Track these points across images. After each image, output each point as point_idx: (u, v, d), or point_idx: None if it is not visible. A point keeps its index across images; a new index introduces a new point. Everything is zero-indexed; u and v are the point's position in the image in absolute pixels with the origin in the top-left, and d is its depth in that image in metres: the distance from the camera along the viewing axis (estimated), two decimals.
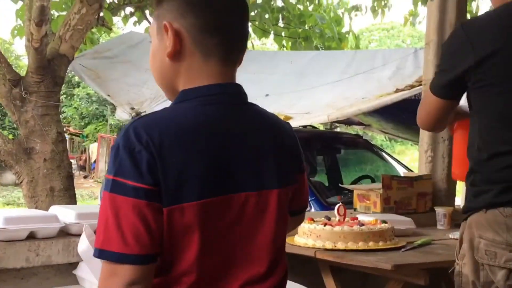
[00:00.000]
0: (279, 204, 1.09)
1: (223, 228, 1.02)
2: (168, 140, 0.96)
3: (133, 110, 4.71)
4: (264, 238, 1.08)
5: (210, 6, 1.04)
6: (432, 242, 2.22)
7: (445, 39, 2.90)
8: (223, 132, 1.03)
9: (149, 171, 0.94)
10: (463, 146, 1.84)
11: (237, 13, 1.08)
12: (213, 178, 0.99)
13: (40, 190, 4.31)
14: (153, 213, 0.95)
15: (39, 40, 4.07)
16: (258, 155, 1.07)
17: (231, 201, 1.02)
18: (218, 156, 1.01)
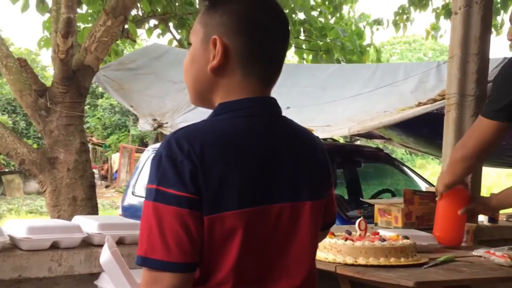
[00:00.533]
0: (312, 216, 1.10)
1: (260, 239, 1.03)
2: (209, 150, 0.98)
3: (155, 121, 4.75)
4: (299, 250, 1.09)
5: (263, 31, 1.07)
6: (455, 259, 2.19)
7: (470, 53, 2.92)
8: (261, 144, 1.05)
9: (191, 180, 0.96)
10: (447, 213, 2.37)
11: (283, 40, 1.12)
12: (251, 188, 1.01)
13: (63, 199, 4.37)
14: (195, 222, 0.96)
15: (65, 51, 4.15)
16: (293, 166, 1.08)
17: (268, 211, 1.03)
18: (257, 166, 1.03)
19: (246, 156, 1.02)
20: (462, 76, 2.95)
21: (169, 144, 0.98)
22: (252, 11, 1.07)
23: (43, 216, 11.25)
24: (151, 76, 5.31)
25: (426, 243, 2.32)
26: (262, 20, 1.07)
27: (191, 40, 1.13)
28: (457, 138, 2.91)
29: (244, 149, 1.02)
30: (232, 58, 1.05)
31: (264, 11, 1.08)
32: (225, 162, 0.99)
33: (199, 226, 0.97)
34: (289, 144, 1.10)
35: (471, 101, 2.94)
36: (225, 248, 0.99)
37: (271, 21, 1.08)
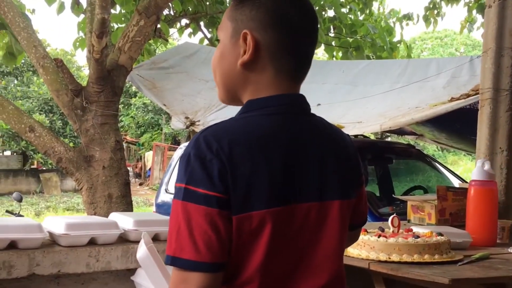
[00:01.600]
0: (341, 215, 1.09)
1: (287, 238, 1.03)
2: (238, 149, 0.97)
3: (187, 119, 4.80)
4: (326, 250, 1.08)
5: (293, 26, 1.06)
6: (490, 256, 2.16)
7: (504, 47, 2.87)
8: (290, 142, 1.04)
9: (220, 179, 0.96)
10: (478, 213, 2.39)
11: (312, 36, 1.11)
12: (280, 187, 1.00)
13: (98, 196, 4.46)
14: (223, 221, 0.96)
15: (99, 51, 4.23)
16: (321, 165, 1.08)
17: (296, 211, 1.03)
18: (285, 165, 1.02)
19: (275, 155, 1.01)
20: (496, 70, 2.90)
21: (198, 143, 0.98)
22: (281, 6, 1.06)
23: (80, 213, 11.51)
24: (182, 75, 5.37)
25: (461, 240, 2.29)
26: (292, 14, 1.06)
27: (219, 36, 1.13)
28: (491, 133, 2.87)
29: (273, 148, 1.01)
30: (263, 53, 1.04)
31: (293, 5, 1.07)
32: (254, 161, 0.98)
33: (227, 226, 0.97)
34: (318, 143, 1.09)
35: (506, 95, 2.89)
36: (252, 247, 0.99)
37: (301, 16, 1.07)
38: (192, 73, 5.36)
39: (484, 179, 2.47)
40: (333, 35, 7.02)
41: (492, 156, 2.87)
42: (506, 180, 2.85)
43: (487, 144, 2.89)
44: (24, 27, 4.42)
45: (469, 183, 2.56)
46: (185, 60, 5.53)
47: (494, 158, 2.86)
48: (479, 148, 2.94)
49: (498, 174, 2.83)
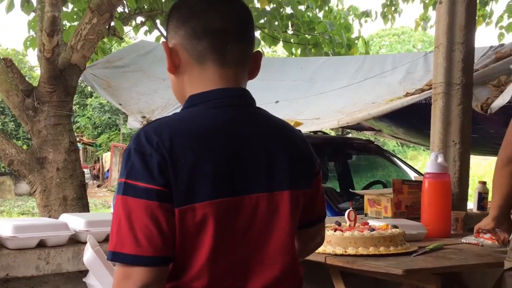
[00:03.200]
0: (292, 206, 1.08)
1: (235, 231, 1.02)
2: (179, 142, 0.98)
3: (144, 118, 4.72)
4: (278, 241, 1.07)
5: (197, 15, 1.09)
6: (444, 247, 2.20)
7: (455, 42, 2.93)
8: (232, 134, 1.04)
9: (160, 173, 0.96)
10: (432, 205, 2.46)
11: (229, 16, 1.10)
12: (224, 179, 1.00)
13: (53, 199, 4.34)
14: (165, 215, 0.95)
15: (51, 50, 4.11)
16: (269, 156, 1.08)
17: (243, 202, 1.02)
18: (228, 157, 1.02)
19: (218, 147, 1.01)
20: (448, 65, 2.96)
21: (138, 138, 0.98)
22: (196, 12, 1.09)
23: (35, 217, 11.19)
24: (139, 74, 5.29)
25: (415, 232, 2.33)
26: (201, 10, 1.08)
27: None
28: (444, 127, 2.93)
29: (217, 140, 1.02)
30: (181, 53, 1.08)
31: (208, 10, 1.09)
32: (195, 153, 0.98)
33: (170, 219, 0.96)
34: (263, 135, 1.09)
35: (458, 89, 2.95)
36: (198, 241, 0.98)
37: (211, 10, 1.09)
38: (148, 71, 5.28)
39: (437, 171, 2.51)
40: (291, 32, 7.04)
41: (445, 149, 2.93)
42: (459, 172, 2.92)
43: (440, 138, 2.95)
44: None
45: (423, 176, 2.61)
46: (141, 59, 5.45)
47: (447, 151, 2.92)
48: (433, 141, 2.99)
49: (452, 167, 2.89)
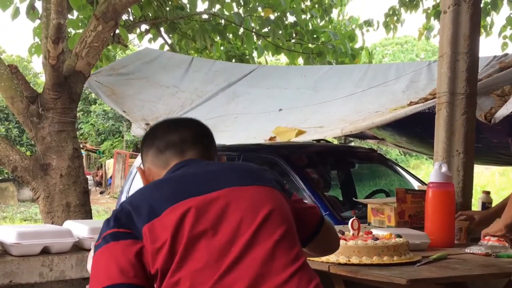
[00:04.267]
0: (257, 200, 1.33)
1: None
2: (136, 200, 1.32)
3: (147, 125, 4.72)
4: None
5: (159, 137, 1.48)
6: (448, 256, 2.19)
7: (460, 51, 2.93)
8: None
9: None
10: (436, 215, 2.46)
11: (185, 131, 1.49)
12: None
13: (56, 205, 4.35)
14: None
15: (55, 57, 4.13)
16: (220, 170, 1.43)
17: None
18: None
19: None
20: (452, 75, 2.96)
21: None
22: (153, 133, 1.53)
23: (38, 223, 11.19)
24: (143, 81, 5.30)
25: (419, 241, 2.32)
26: (162, 133, 1.50)
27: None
28: (448, 136, 2.93)
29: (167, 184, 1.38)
30: (153, 170, 1.47)
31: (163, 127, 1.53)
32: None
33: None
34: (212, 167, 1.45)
35: (462, 99, 2.95)
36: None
37: (171, 130, 1.51)
38: (152, 79, 5.29)
39: (441, 181, 2.51)
40: (294, 41, 7.06)
41: (449, 158, 2.92)
42: (463, 182, 2.91)
43: (444, 147, 2.94)
44: None
45: (427, 185, 2.60)
46: (145, 66, 5.46)
47: (451, 161, 2.91)
48: (437, 151, 2.99)
49: (455, 176, 2.88)
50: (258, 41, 6.99)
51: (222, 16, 6.58)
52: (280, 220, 1.29)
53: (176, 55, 6.24)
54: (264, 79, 5.19)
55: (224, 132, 4.48)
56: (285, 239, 1.27)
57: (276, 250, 1.24)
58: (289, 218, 1.33)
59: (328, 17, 7.86)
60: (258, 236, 1.25)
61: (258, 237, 1.25)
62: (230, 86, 5.14)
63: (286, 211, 1.34)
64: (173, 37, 7.06)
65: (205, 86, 5.17)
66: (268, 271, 1.21)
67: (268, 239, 1.25)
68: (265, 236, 1.25)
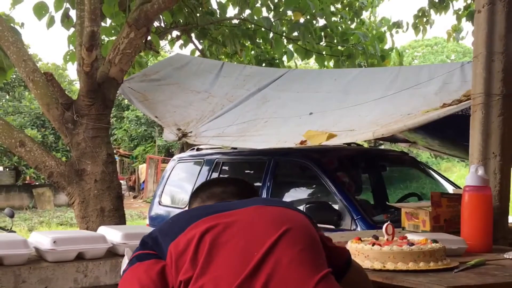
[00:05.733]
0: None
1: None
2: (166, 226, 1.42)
3: (179, 131, 4.77)
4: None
5: (203, 190, 1.61)
6: (486, 262, 2.13)
7: (495, 51, 2.86)
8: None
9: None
10: (473, 219, 2.39)
11: (227, 184, 1.63)
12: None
13: (91, 210, 4.42)
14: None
15: (89, 64, 4.21)
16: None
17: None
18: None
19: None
20: (487, 75, 2.88)
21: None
22: (199, 188, 1.64)
23: (73, 227, 11.40)
24: (174, 86, 5.35)
25: (456, 247, 2.27)
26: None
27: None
28: (484, 139, 2.85)
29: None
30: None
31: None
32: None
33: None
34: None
35: (498, 100, 2.87)
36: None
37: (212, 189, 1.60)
38: (183, 84, 5.34)
39: (478, 184, 2.45)
40: (324, 44, 7.02)
41: (485, 161, 2.84)
42: (500, 185, 2.83)
43: (480, 150, 2.87)
44: (13, 41, 4.39)
45: (463, 189, 2.54)
46: (177, 72, 5.51)
47: (487, 163, 2.84)
48: (472, 153, 2.91)
49: (492, 179, 2.80)
50: (288, 45, 6.98)
51: (251, 21, 6.60)
52: (303, 234, 1.32)
53: (206, 60, 6.28)
54: (294, 83, 5.17)
55: (255, 137, 4.48)
56: (309, 249, 1.29)
57: (299, 258, 1.26)
58: (314, 237, 1.35)
59: (359, 19, 7.80)
60: (282, 244, 1.27)
61: (282, 244, 1.27)
62: (260, 90, 5.14)
63: (312, 232, 1.36)
64: (203, 42, 7.11)
65: (236, 91, 5.18)
66: (291, 278, 1.22)
67: (291, 247, 1.27)
68: (289, 245, 1.27)
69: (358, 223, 4.10)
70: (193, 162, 5.88)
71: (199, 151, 5.91)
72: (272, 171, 4.84)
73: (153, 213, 5.90)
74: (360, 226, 4.07)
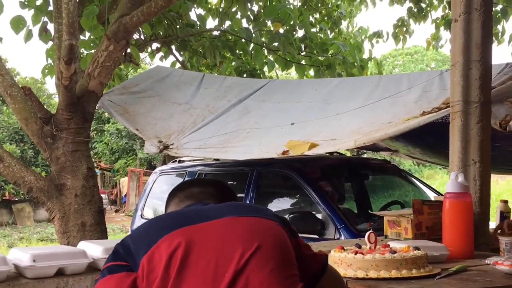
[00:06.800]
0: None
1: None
2: (138, 233, 1.40)
3: (160, 143, 4.74)
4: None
5: (181, 190, 1.64)
6: (468, 268, 2.15)
7: (472, 60, 2.90)
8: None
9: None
10: (453, 225, 2.41)
11: (206, 184, 1.66)
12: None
13: (71, 225, 4.36)
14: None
15: (68, 78, 4.18)
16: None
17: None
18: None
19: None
20: (465, 83, 2.93)
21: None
22: (177, 187, 1.65)
23: (54, 243, 11.23)
24: (155, 99, 5.33)
25: (438, 253, 2.28)
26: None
27: None
28: (463, 146, 2.89)
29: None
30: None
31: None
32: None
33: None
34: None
35: (476, 107, 2.91)
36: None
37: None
38: (164, 96, 5.32)
39: (458, 191, 2.48)
40: (304, 54, 7.06)
41: (465, 168, 2.87)
42: (480, 191, 2.86)
43: (459, 157, 2.90)
44: None
45: (444, 196, 2.56)
46: (157, 84, 5.49)
47: (467, 170, 2.87)
48: (452, 160, 2.94)
49: (472, 186, 2.83)
50: (269, 56, 7.02)
51: (231, 32, 6.62)
52: (274, 250, 1.31)
53: (187, 72, 6.27)
54: (275, 94, 5.19)
55: (237, 148, 4.48)
56: (279, 270, 1.29)
57: (269, 281, 1.26)
58: (286, 251, 1.35)
59: (337, 29, 7.88)
60: (252, 264, 1.26)
61: (252, 265, 1.26)
62: (242, 101, 5.14)
63: (284, 245, 1.35)
64: (184, 54, 7.10)
65: (217, 102, 5.18)
66: None
67: (262, 268, 1.27)
68: (259, 266, 1.27)
69: (342, 232, 4.10)
70: (175, 174, 5.85)
71: (181, 163, 5.88)
72: (255, 182, 4.83)
73: (136, 226, 5.84)
74: (343, 235, 4.08)
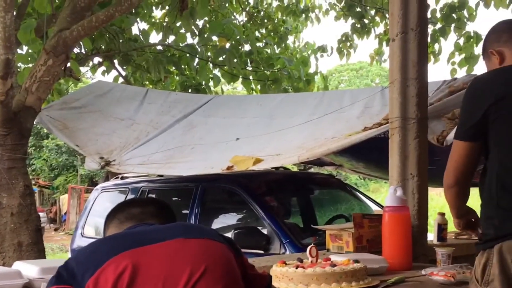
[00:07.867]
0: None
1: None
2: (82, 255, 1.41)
3: (102, 159, 4.63)
4: None
5: (120, 211, 1.63)
6: (406, 279, 2.20)
7: (409, 77, 3.01)
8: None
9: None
10: (392, 238, 2.48)
11: (145, 204, 1.66)
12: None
13: (7, 245, 4.20)
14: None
15: (4, 93, 4.05)
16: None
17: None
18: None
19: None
20: (403, 100, 3.02)
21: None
22: (116, 208, 1.66)
23: None
24: (96, 114, 5.20)
25: (377, 266, 2.33)
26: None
27: None
28: (402, 160, 2.97)
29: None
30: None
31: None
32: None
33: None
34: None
35: (413, 123, 3.01)
36: None
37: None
38: (106, 112, 5.21)
39: (396, 204, 2.54)
40: (250, 69, 7.12)
41: (404, 182, 2.96)
42: (418, 205, 2.94)
43: (398, 171, 2.98)
44: None
45: (383, 209, 2.62)
46: (99, 99, 5.37)
47: (405, 184, 2.95)
48: (392, 175, 3.02)
49: (411, 199, 2.92)
50: (215, 70, 7.03)
51: (175, 47, 6.59)
52: (222, 272, 1.32)
53: (130, 87, 6.18)
54: (220, 109, 5.19)
55: (181, 163, 4.43)
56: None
57: None
58: (233, 272, 1.36)
59: (284, 44, 8.00)
60: (200, 286, 1.27)
61: (201, 286, 1.27)
62: (186, 116, 5.11)
63: (231, 267, 1.36)
64: (127, 69, 7.01)
65: (161, 118, 5.12)
66: None
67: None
68: (209, 285, 1.28)
69: (287, 247, 4.12)
70: (118, 191, 5.72)
71: (124, 180, 5.76)
72: (200, 198, 4.79)
73: (76, 245, 5.65)
74: (289, 250, 4.09)
